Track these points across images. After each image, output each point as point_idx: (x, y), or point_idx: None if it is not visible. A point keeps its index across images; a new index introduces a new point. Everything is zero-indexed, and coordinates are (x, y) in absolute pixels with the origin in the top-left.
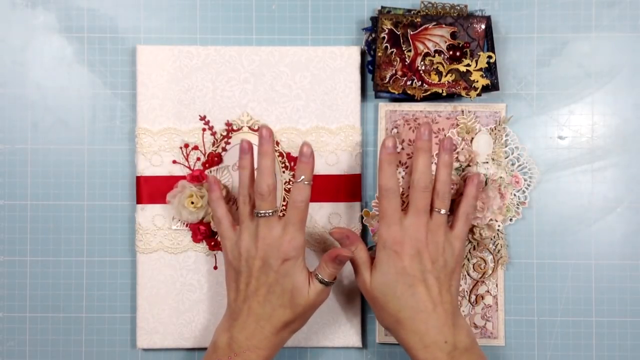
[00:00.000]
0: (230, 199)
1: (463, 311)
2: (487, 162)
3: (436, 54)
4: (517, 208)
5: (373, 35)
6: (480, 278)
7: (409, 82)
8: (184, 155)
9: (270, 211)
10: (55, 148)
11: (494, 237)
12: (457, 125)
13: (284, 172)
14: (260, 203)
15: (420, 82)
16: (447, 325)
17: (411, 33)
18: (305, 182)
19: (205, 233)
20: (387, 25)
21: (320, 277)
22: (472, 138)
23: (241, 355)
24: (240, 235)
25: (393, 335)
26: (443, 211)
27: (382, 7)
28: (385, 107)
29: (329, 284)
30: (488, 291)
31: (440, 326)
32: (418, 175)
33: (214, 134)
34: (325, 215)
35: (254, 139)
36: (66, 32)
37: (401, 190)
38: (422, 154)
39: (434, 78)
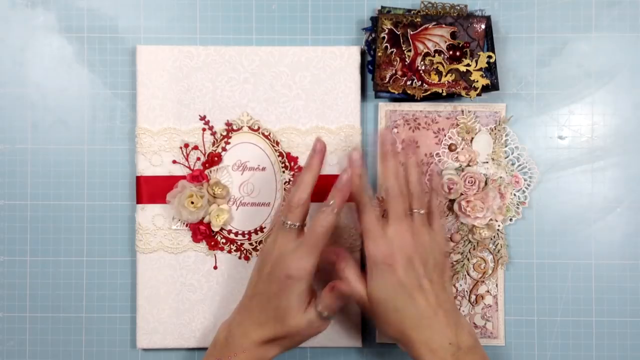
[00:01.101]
0: (229, 200)
1: (463, 311)
2: (487, 162)
3: (436, 54)
4: (517, 208)
5: (373, 35)
6: (480, 278)
7: (409, 82)
8: (184, 155)
9: (296, 224)
10: (55, 148)
11: (494, 237)
12: (457, 125)
13: (283, 171)
14: (287, 214)
15: (420, 82)
16: (449, 326)
17: (411, 33)
18: (334, 209)
19: (205, 233)
20: (387, 25)
21: (319, 308)
22: (472, 138)
23: (233, 350)
24: (270, 234)
25: (398, 344)
26: (422, 211)
27: (382, 7)
28: (385, 107)
29: (325, 317)
30: (488, 291)
31: (443, 329)
32: (391, 182)
33: (214, 134)
34: None
35: (253, 139)
36: (66, 32)
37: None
38: (389, 159)
39: (434, 78)
